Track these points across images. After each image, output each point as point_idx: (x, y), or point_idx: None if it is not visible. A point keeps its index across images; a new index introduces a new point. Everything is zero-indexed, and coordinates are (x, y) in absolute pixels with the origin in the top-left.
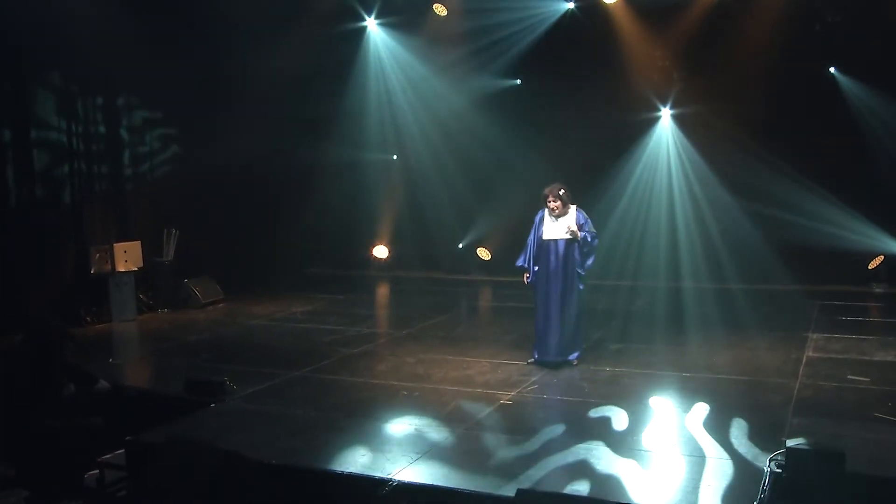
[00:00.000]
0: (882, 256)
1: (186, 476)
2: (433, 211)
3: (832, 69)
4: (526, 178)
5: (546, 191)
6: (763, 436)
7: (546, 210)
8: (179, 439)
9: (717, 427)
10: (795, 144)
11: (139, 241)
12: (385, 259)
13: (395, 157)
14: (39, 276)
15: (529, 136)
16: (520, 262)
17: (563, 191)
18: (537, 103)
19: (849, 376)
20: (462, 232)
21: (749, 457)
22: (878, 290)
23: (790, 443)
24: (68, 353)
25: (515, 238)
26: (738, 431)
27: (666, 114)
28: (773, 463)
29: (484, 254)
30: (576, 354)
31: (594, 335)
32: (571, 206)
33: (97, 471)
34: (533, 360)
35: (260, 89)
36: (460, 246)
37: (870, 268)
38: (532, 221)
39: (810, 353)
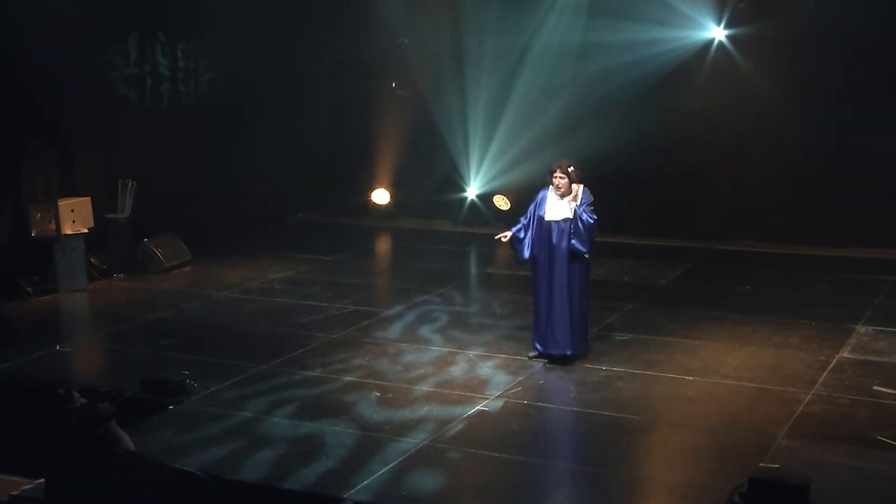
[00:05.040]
0: None
1: (139, 494)
2: (442, 150)
3: None
4: (555, 115)
5: (554, 166)
6: (744, 458)
7: (550, 188)
8: (131, 453)
9: (697, 446)
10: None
11: (89, 198)
12: (385, 206)
13: (394, 84)
14: None
15: (559, 61)
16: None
17: (571, 168)
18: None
19: (874, 387)
20: (476, 176)
21: (718, 484)
22: None
23: (757, 471)
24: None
25: (540, 185)
26: (718, 453)
27: (718, 33)
28: (735, 493)
29: (502, 202)
30: (580, 348)
31: (606, 319)
32: (579, 185)
33: None
34: (535, 353)
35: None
36: (474, 195)
37: None
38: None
39: (845, 354)
